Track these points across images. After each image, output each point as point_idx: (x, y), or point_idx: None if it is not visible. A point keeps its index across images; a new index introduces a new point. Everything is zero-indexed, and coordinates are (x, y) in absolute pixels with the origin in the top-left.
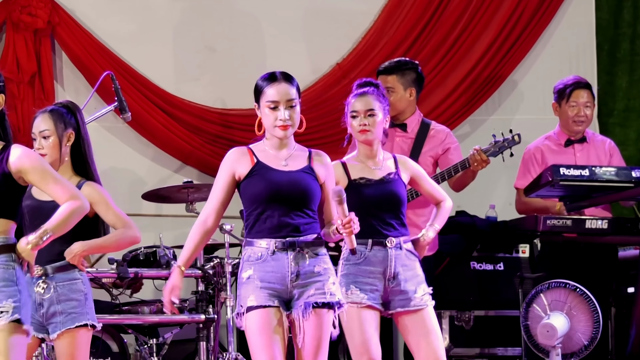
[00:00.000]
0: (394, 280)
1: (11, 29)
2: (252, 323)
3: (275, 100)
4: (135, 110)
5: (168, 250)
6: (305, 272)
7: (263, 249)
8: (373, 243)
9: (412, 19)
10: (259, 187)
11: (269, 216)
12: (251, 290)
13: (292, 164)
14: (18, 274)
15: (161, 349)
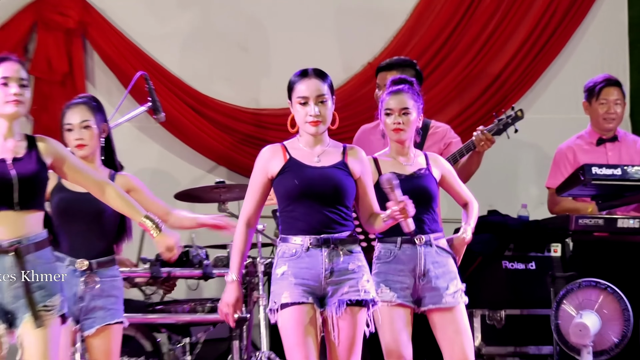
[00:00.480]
0: (425, 277)
1: (42, 28)
2: (286, 320)
3: (305, 96)
4: (168, 111)
5: (200, 250)
6: (339, 269)
7: (297, 246)
8: (402, 241)
9: (444, 18)
10: (291, 184)
11: (302, 213)
12: (285, 287)
13: (325, 160)
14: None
15: (194, 348)
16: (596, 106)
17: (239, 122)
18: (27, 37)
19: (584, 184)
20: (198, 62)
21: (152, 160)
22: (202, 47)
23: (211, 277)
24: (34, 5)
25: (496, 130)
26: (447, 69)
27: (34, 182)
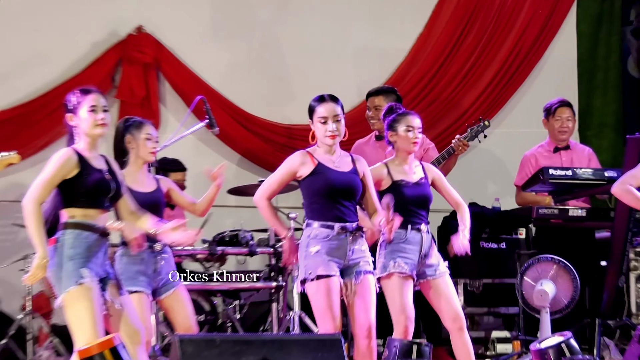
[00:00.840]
0: (425, 256)
1: (126, 63)
2: (320, 287)
3: (325, 116)
4: (221, 126)
5: (247, 233)
6: (356, 250)
7: (329, 231)
8: (411, 228)
9: (433, 56)
10: (322, 184)
11: (329, 205)
12: (320, 262)
13: (342, 166)
14: None
15: (242, 308)
16: (552, 122)
17: (275, 135)
18: (114, 69)
19: (543, 182)
20: (244, 88)
21: (208, 164)
22: (247, 76)
23: (255, 254)
24: (119, 45)
25: (469, 137)
26: (436, 94)
27: (119, 191)
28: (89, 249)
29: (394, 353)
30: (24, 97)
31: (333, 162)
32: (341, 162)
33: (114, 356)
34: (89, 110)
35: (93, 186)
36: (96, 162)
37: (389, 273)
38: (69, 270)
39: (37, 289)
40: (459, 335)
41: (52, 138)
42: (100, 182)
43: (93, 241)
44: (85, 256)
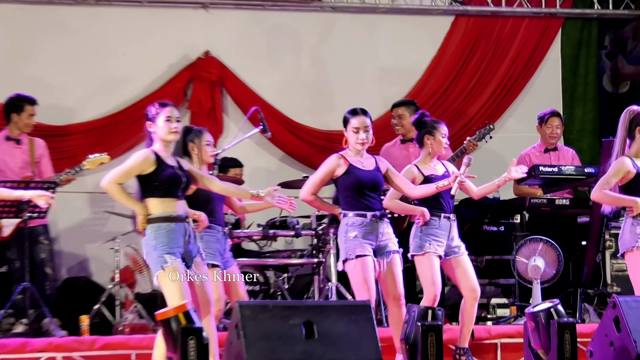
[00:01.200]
0: (451, 239)
1: (195, 81)
2: (359, 265)
3: (357, 127)
4: (273, 132)
5: (294, 219)
6: (384, 232)
7: (364, 219)
8: (444, 217)
9: (445, 74)
10: (353, 181)
11: (360, 198)
12: (358, 245)
13: (367, 166)
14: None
15: (290, 280)
16: (544, 128)
17: (316, 139)
18: (186, 86)
19: (535, 177)
20: (291, 101)
21: (262, 162)
22: (294, 91)
23: (300, 235)
24: (190, 66)
25: (478, 138)
26: (447, 105)
27: (189, 182)
28: (168, 236)
29: (413, 317)
30: (113, 108)
31: (361, 163)
32: (367, 163)
33: (186, 318)
34: (165, 120)
35: (168, 179)
36: (170, 161)
37: (424, 252)
38: (155, 258)
39: (124, 264)
40: (471, 303)
41: (135, 142)
42: (173, 176)
43: (171, 229)
44: (166, 243)
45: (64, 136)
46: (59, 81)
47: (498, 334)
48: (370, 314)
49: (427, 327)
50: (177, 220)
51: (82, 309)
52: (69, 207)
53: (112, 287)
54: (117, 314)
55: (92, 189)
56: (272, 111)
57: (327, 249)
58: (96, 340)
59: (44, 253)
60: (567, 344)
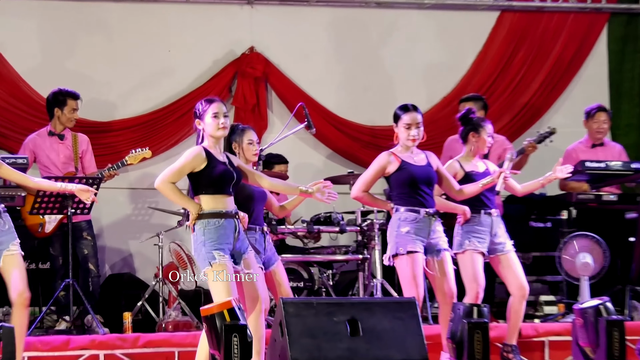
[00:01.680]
0: (495, 236)
1: (240, 76)
2: (409, 261)
3: (409, 123)
4: (318, 128)
5: (338, 215)
6: (436, 230)
7: (417, 214)
8: (484, 212)
9: (491, 68)
10: (407, 176)
11: (414, 194)
12: (410, 241)
13: (419, 162)
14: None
15: (335, 276)
16: (591, 123)
17: (361, 134)
18: (231, 82)
19: (582, 173)
20: (336, 96)
21: (307, 158)
22: (339, 87)
23: (345, 231)
24: (235, 62)
25: (537, 140)
26: (493, 101)
27: (240, 178)
28: (217, 232)
29: (459, 315)
30: (158, 104)
31: (413, 159)
32: (418, 158)
33: (230, 315)
34: (212, 116)
35: (219, 175)
36: (220, 157)
37: (464, 250)
38: (203, 254)
39: (167, 260)
40: (520, 301)
41: (180, 138)
42: (225, 172)
43: (220, 225)
44: (215, 239)
45: (108, 132)
46: (103, 76)
47: (545, 331)
48: (415, 311)
49: (473, 324)
50: (227, 217)
51: (125, 306)
52: (112, 202)
53: (155, 284)
54: (160, 311)
55: (135, 185)
56: (317, 107)
57: (372, 245)
58: (139, 337)
59: (87, 249)
60: (616, 342)
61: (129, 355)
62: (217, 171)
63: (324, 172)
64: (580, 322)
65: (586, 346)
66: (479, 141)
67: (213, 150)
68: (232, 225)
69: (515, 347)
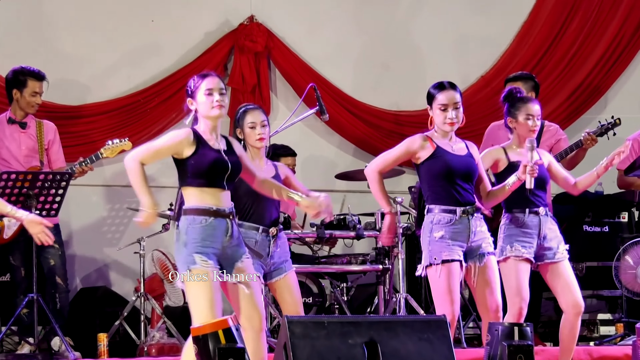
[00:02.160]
0: (544, 239)
1: (237, 51)
2: (444, 273)
3: (445, 104)
4: (331, 113)
5: (354, 217)
6: (477, 232)
7: (451, 215)
8: (529, 212)
9: (538, 43)
10: (442, 166)
11: (449, 188)
12: (444, 247)
13: (458, 150)
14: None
15: (350, 290)
16: None
17: (383, 121)
18: (227, 58)
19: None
20: (352, 76)
21: (317, 149)
22: (355, 64)
23: (362, 237)
24: (231, 34)
25: (599, 133)
26: (543, 77)
27: (237, 169)
28: (204, 233)
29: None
30: (140, 84)
31: (451, 147)
32: (457, 147)
33: (226, 337)
34: (205, 94)
35: (208, 165)
36: (215, 142)
37: (505, 257)
38: (184, 256)
39: (150, 272)
40: (574, 320)
41: (165, 125)
42: (216, 162)
43: (208, 224)
44: (199, 240)
45: (79, 118)
46: (74, 52)
47: (601, 356)
48: (446, 332)
49: (514, 347)
50: (217, 215)
51: (100, 326)
52: (84, 203)
53: (135, 300)
54: (142, 332)
55: (111, 182)
56: (330, 88)
57: (394, 254)
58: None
59: (53, 259)
60: None
61: None
62: (206, 160)
63: (338, 166)
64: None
65: None
66: (518, 126)
67: (207, 134)
68: (223, 226)
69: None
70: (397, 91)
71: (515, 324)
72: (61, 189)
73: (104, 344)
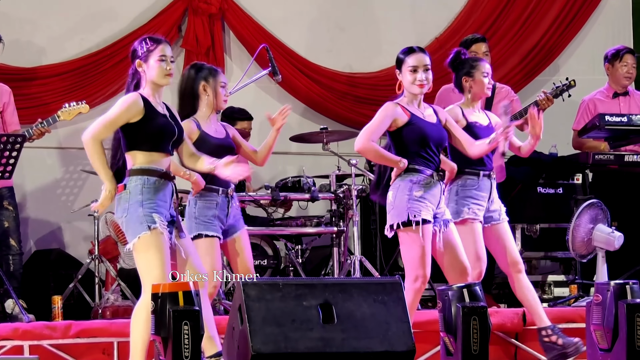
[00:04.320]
0: (491, 202)
1: (191, 13)
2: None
3: (415, 65)
4: (284, 74)
5: (309, 179)
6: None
7: (428, 177)
8: (483, 174)
9: (492, 4)
10: (417, 135)
11: (424, 154)
12: (424, 207)
13: (428, 117)
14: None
15: (304, 253)
16: (618, 67)
17: (337, 83)
18: (180, 19)
19: (600, 129)
20: (306, 37)
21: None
22: (310, 26)
23: (317, 199)
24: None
25: (555, 94)
26: (497, 40)
27: (182, 135)
28: (157, 193)
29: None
30: (93, 47)
31: (422, 113)
32: (427, 114)
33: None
34: (158, 60)
35: (158, 130)
36: (159, 108)
37: (463, 219)
38: (140, 216)
39: (104, 234)
40: (517, 278)
41: (119, 88)
42: (165, 126)
43: (160, 185)
44: (155, 201)
45: (33, 80)
46: (28, 15)
47: (555, 317)
48: (401, 293)
49: (468, 309)
50: (166, 177)
51: (54, 289)
52: (38, 165)
53: (90, 262)
54: (96, 295)
55: (65, 144)
56: (284, 50)
57: (349, 216)
58: (71, 325)
59: (7, 221)
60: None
61: (58, 346)
62: (157, 124)
63: (292, 128)
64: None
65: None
66: (475, 84)
67: (152, 99)
68: (170, 190)
69: (554, 326)
70: (351, 53)
71: (464, 285)
72: (15, 151)
73: (58, 306)
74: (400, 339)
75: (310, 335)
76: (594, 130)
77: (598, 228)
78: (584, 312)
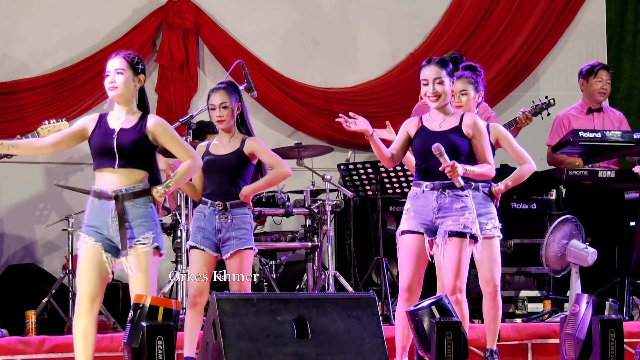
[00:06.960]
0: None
1: (166, 28)
2: (400, 243)
3: (425, 79)
4: (259, 89)
5: (284, 194)
6: (446, 208)
7: (417, 189)
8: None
9: (467, 20)
10: (417, 146)
11: (422, 163)
12: (407, 218)
13: (444, 126)
14: (154, 212)
15: (278, 268)
16: (592, 83)
17: (312, 98)
18: (155, 34)
19: (573, 145)
20: (281, 53)
21: None
22: (285, 42)
23: (291, 214)
24: (160, 10)
25: (534, 112)
26: (472, 55)
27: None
28: (91, 212)
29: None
30: (67, 61)
31: (437, 124)
32: (446, 123)
33: (164, 316)
34: (105, 75)
35: (94, 148)
36: (118, 122)
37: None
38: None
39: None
40: (489, 298)
41: (94, 102)
42: (100, 144)
43: (93, 205)
44: (86, 219)
45: (10, 94)
46: (3, 28)
47: (529, 333)
48: (375, 309)
49: (442, 324)
50: (101, 197)
51: (28, 303)
52: (12, 179)
53: (64, 277)
54: (70, 309)
55: (42, 159)
56: (259, 65)
57: (323, 231)
58: (44, 340)
59: None
60: (612, 345)
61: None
62: (93, 142)
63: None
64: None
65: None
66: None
67: (117, 113)
68: (107, 208)
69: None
70: (326, 68)
71: (431, 302)
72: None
73: (32, 321)
74: (374, 354)
75: (285, 351)
76: (567, 145)
77: (572, 244)
78: (557, 328)
